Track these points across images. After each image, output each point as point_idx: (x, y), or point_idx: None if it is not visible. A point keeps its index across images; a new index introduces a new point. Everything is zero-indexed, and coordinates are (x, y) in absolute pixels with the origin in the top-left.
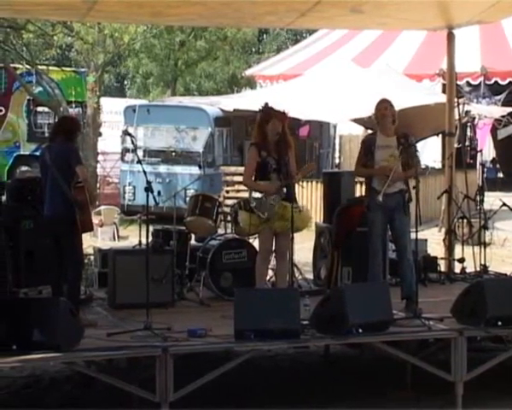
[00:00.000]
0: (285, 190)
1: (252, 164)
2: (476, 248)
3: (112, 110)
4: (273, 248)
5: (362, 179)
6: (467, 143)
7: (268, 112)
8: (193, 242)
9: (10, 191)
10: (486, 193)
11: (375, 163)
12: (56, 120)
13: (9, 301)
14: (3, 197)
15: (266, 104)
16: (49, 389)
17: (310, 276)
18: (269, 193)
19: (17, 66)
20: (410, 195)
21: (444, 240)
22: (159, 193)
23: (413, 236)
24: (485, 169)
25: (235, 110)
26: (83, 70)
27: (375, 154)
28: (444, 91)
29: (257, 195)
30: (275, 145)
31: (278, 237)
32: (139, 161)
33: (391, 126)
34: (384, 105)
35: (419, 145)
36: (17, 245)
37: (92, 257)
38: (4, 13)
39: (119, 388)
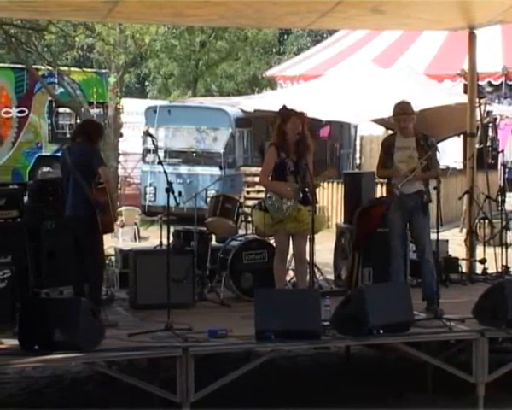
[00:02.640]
0: (301, 193)
1: (270, 164)
2: (498, 249)
3: (133, 111)
4: (290, 249)
5: (383, 180)
6: (488, 144)
7: (286, 112)
8: (213, 242)
9: (32, 192)
10: (508, 194)
11: (394, 164)
12: (79, 122)
13: (31, 302)
14: (25, 198)
15: (284, 106)
16: (70, 390)
17: (330, 277)
18: (285, 194)
19: (39, 67)
20: (430, 196)
21: (465, 241)
22: (179, 194)
23: (434, 236)
24: (507, 170)
25: (255, 111)
26: (104, 71)
27: (394, 155)
28: (465, 92)
29: (272, 195)
30: (294, 147)
31: (294, 238)
32: (160, 162)
33: (410, 128)
34: (403, 117)
35: (440, 146)
36: (38, 246)
37: (113, 258)
38: (26, 14)
39: (140, 388)
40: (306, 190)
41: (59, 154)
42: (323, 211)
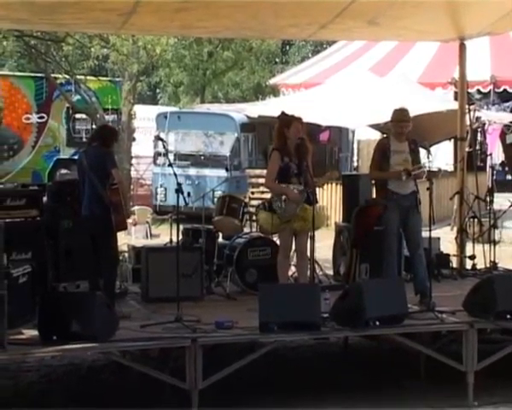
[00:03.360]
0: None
1: (274, 168)
2: (486, 246)
3: (145, 117)
4: (293, 246)
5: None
6: (477, 148)
7: (288, 117)
8: (220, 240)
9: (51, 193)
10: (496, 194)
11: (390, 167)
12: (96, 127)
13: (50, 295)
14: (44, 198)
15: (283, 112)
16: (87, 377)
17: (330, 272)
18: (292, 197)
19: (57, 76)
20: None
21: (456, 238)
22: (188, 194)
23: (427, 234)
24: (495, 171)
25: (259, 116)
26: (118, 79)
27: (391, 158)
28: (456, 99)
29: (279, 197)
30: (295, 150)
31: (298, 236)
32: (170, 165)
33: (405, 133)
34: (404, 124)
35: (432, 149)
36: (57, 243)
37: (126, 254)
38: (46, 27)
39: (151, 376)
40: (309, 190)
41: (76, 157)
42: (323, 210)
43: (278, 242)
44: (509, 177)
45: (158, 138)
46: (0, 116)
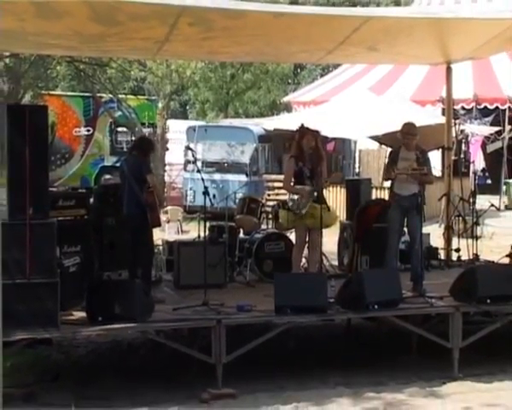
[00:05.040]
0: (316, 194)
1: (290, 172)
2: (469, 241)
3: (176, 130)
4: (306, 240)
5: (378, 185)
6: (462, 156)
7: (303, 130)
8: (241, 235)
9: (96, 195)
10: (478, 196)
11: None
12: (135, 138)
13: (96, 283)
14: (91, 200)
15: (302, 125)
16: (127, 352)
17: (335, 263)
18: (303, 196)
19: (102, 95)
20: (424, 199)
21: (443, 234)
22: (214, 196)
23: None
24: (477, 177)
25: (275, 129)
26: (154, 98)
27: (398, 163)
28: (443, 114)
29: (293, 197)
30: (309, 157)
31: (310, 232)
32: (198, 171)
33: (413, 144)
34: (411, 137)
35: None
36: (101, 238)
37: (161, 247)
38: (93, 53)
39: (182, 352)
40: (318, 190)
41: (118, 164)
42: (334, 210)
43: (294, 237)
44: (489, 181)
45: (188, 148)
46: (54, 130)
